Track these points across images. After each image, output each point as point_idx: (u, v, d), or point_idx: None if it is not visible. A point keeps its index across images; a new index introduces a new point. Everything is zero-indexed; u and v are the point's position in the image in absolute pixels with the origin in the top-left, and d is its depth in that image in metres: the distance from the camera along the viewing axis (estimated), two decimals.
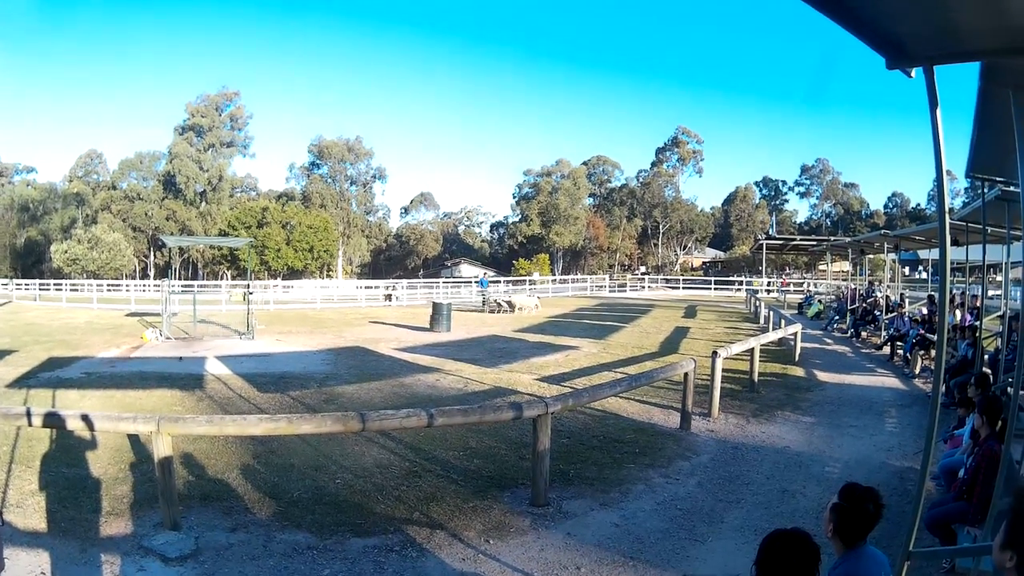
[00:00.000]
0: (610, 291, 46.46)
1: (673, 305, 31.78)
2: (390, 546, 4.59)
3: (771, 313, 17.99)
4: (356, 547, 4.56)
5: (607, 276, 56.44)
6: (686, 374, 7.92)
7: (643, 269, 70.38)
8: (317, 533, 4.77)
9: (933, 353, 10.50)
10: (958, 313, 11.73)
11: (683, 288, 47.57)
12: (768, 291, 40.86)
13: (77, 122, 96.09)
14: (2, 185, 64.16)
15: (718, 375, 8.66)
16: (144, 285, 43.42)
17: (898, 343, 13.52)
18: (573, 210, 69.03)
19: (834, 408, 9.27)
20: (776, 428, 8.09)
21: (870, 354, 14.90)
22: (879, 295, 19.40)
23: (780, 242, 46.74)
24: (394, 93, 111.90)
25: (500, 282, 45.09)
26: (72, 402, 8.90)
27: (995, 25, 2.57)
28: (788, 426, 8.20)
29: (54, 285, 37.60)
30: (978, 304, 10.45)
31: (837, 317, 20.61)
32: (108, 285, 41.41)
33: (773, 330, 14.73)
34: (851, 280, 26.41)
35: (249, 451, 6.67)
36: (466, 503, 5.44)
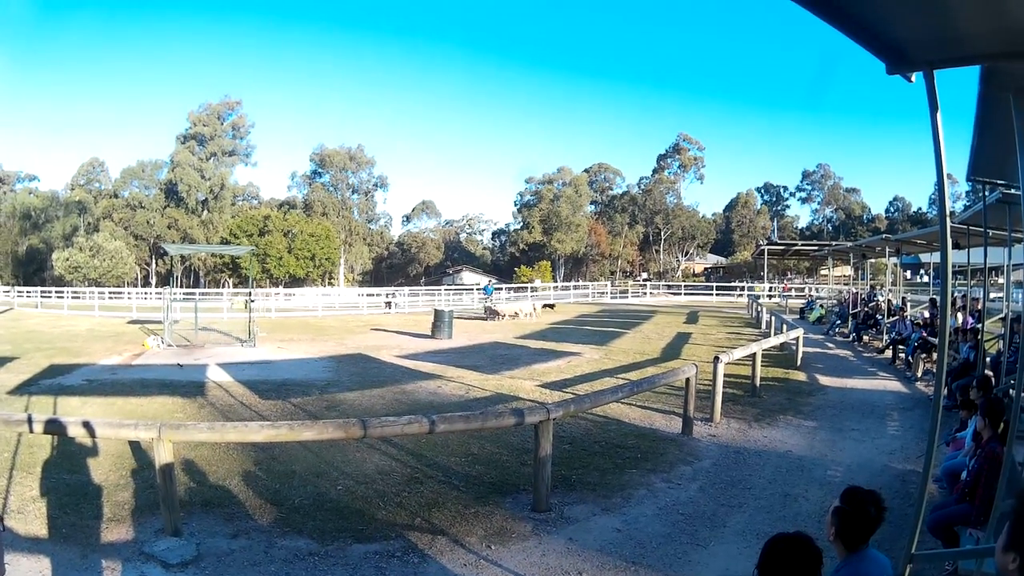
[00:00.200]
0: (612, 297, 46.49)
1: (675, 311, 31.75)
2: (391, 552, 4.58)
3: (773, 318, 17.98)
4: (357, 553, 4.55)
5: (609, 282, 56.50)
6: (688, 379, 7.91)
7: (645, 275, 70.35)
8: (318, 539, 4.76)
9: (935, 356, 10.49)
10: (960, 316, 11.70)
11: (685, 294, 47.58)
12: (770, 296, 40.84)
13: (79, 131, 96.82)
14: (4, 193, 64.37)
15: (720, 380, 8.65)
16: (146, 293, 43.42)
17: (900, 347, 13.48)
18: (575, 217, 69.06)
19: (836, 412, 9.24)
20: (778, 432, 8.07)
21: (872, 358, 14.87)
22: (881, 299, 19.36)
23: (782, 248, 46.81)
24: (396, 102, 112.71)
25: (502, 289, 45.12)
26: (73, 409, 8.88)
27: (995, 29, 2.58)
28: (790, 430, 8.18)
29: (56, 293, 37.57)
30: (980, 307, 10.43)
31: (839, 321, 20.60)
32: (110, 293, 41.60)
33: (775, 335, 14.69)
34: (853, 285, 26.40)
35: (251, 458, 6.65)
36: (467, 509, 5.42)
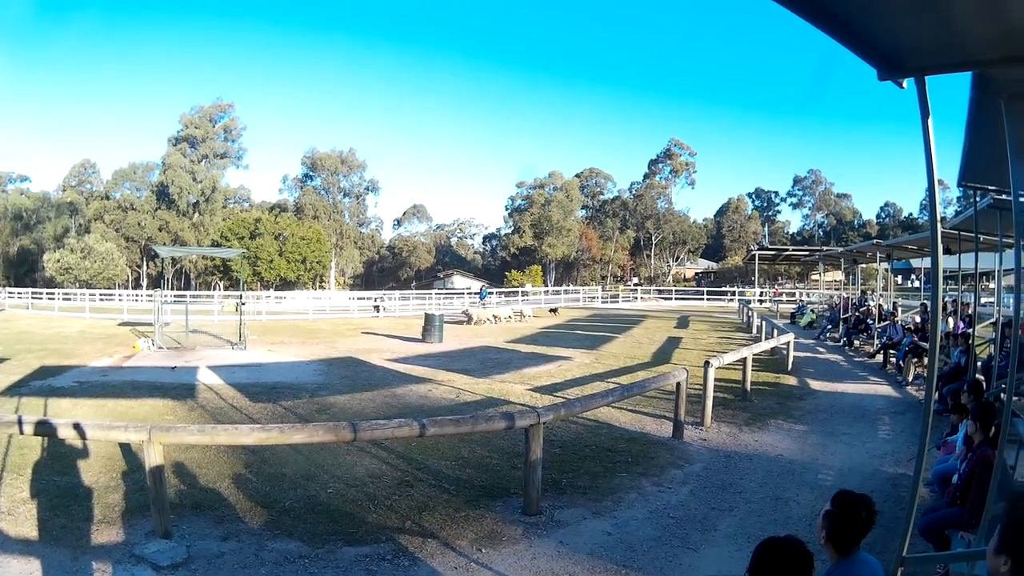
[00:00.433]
0: (603, 302, 46.53)
1: (666, 316, 31.80)
2: (382, 555, 4.56)
3: (764, 323, 18.01)
4: (348, 556, 4.53)
5: (600, 287, 56.57)
6: (678, 384, 7.92)
7: (636, 280, 70.51)
8: (309, 542, 4.73)
9: (926, 361, 10.57)
10: (951, 321, 11.79)
11: (676, 299, 47.65)
12: (761, 301, 40.99)
13: (71, 132, 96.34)
14: None
15: (711, 384, 8.67)
16: (137, 295, 43.14)
17: (891, 351, 13.56)
18: (566, 222, 69.10)
19: (827, 416, 9.28)
20: (769, 436, 8.09)
21: (863, 362, 14.95)
22: (872, 304, 19.49)
23: (773, 253, 46.94)
24: (388, 106, 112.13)
25: (493, 293, 45.08)
26: (64, 411, 8.80)
27: (987, 36, 2.60)
28: (781, 434, 8.21)
29: (47, 294, 37.19)
30: (971, 312, 10.51)
31: (830, 326, 20.70)
32: (101, 295, 41.23)
33: (766, 340, 14.76)
34: (844, 289, 26.55)
35: (241, 460, 6.61)
36: (458, 512, 5.41)
